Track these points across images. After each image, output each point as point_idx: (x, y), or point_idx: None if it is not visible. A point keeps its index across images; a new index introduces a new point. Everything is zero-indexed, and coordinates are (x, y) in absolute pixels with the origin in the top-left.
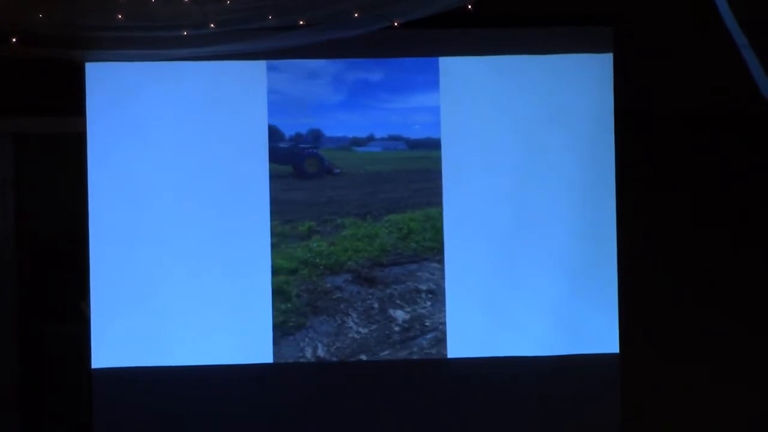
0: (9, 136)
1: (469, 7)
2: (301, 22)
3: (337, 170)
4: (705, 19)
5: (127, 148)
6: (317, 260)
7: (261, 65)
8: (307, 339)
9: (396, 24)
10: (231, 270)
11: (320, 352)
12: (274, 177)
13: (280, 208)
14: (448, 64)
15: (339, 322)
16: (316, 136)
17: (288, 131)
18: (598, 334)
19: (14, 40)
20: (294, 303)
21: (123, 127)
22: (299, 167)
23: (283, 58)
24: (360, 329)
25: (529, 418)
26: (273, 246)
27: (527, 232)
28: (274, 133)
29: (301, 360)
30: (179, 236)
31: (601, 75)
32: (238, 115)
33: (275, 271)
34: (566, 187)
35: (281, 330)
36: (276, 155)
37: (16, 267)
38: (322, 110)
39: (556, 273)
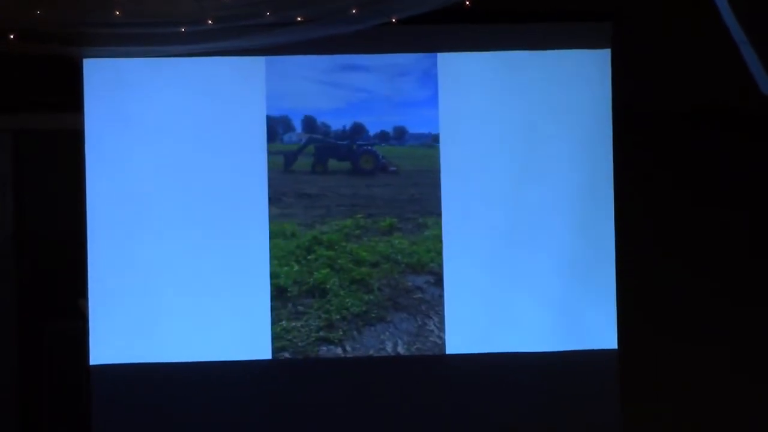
0: (7, 132)
1: (467, 3)
2: (299, 19)
3: (393, 168)
4: (703, 16)
5: (125, 144)
6: (399, 257)
7: (259, 60)
8: (387, 333)
9: (394, 20)
10: (229, 266)
11: (400, 349)
12: (335, 173)
13: (363, 202)
14: (446, 60)
15: (420, 323)
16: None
17: (335, 125)
18: (597, 329)
19: (12, 36)
20: (376, 295)
21: (121, 123)
22: (355, 164)
23: (280, 54)
24: (441, 334)
25: (527, 414)
26: (355, 238)
27: (526, 228)
28: (274, 128)
29: (382, 353)
30: (178, 232)
31: (599, 71)
32: (236, 109)
33: (357, 262)
34: (565, 183)
35: (363, 319)
36: (336, 151)
37: (14, 264)
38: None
39: (555, 269)
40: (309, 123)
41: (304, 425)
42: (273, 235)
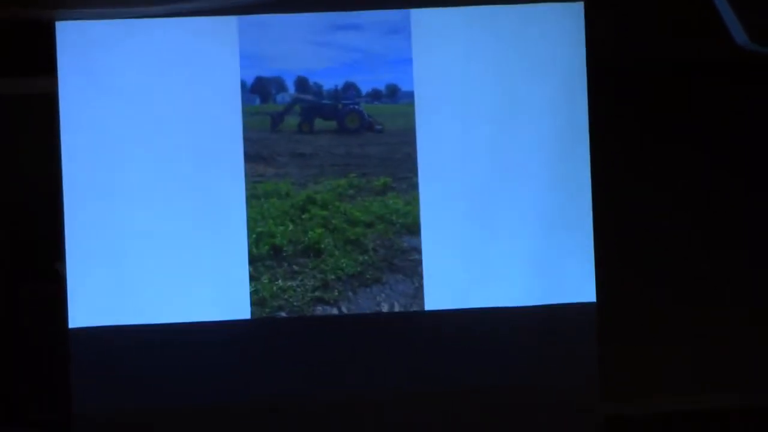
0: None
1: None
2: None
3: (378, 126)
4: None
5: (99, 107)
6: (393, 218)
7: (232, 20)
8: (383, 295)
9: None
10: (206, 226)
11: (396, 311)
12: (326, 132)
13: (356, 162)
14: (419, 16)
15: (416, 284)
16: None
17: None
18: (576, 283)
19: None
20: (371, 256)
21: (95, 86)
22: (341, 123)
23: (255, 13)
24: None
25: (507, 368)
26: (349, 198)
27: (502, 183)
28: (267, 88)
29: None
30: (154, 193)
31: (573, 24)
32: (211, 70)
33: (352, 223)
34: (541, 137)
35: (358, 280)
36: (321, 111)
37: None
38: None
39: (533, 224)
40: (302, 83)
41: (283, 383)
42: (268, 195)
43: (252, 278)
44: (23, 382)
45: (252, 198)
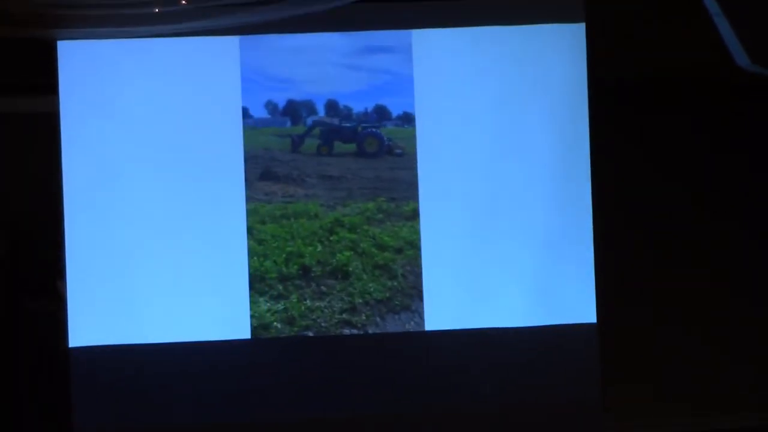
0: None
1: None
2: None
3: (399, 150)
4: None
5: (100, 126)
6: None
7: (234, 40)
8: (412, 323)
9: None
10: (207, 246)
11: None
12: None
13: (385, 186)
14: (420, 37)
15: None
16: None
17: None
18: (575, 304)
19: None
20: (400, 282)
21: (97, 106)
22: (360, 146)
23: (256, 33)
24: None
25: (507, 390)
26: (378, 222)
27: (503, 204)
28: (298, 111)
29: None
30: (156, 212)
31: (574, 45)
32: (212, 91)
33: (381, 247)
34: (541, 158)
35: (386, 306)
36: (341, 134)
37: None
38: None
39: (533, 244)
40: (331, 107)
41: (284, 403)
42: (297, 215)
43: (281, 297)
44: (23, 401)
45: (282, 218)
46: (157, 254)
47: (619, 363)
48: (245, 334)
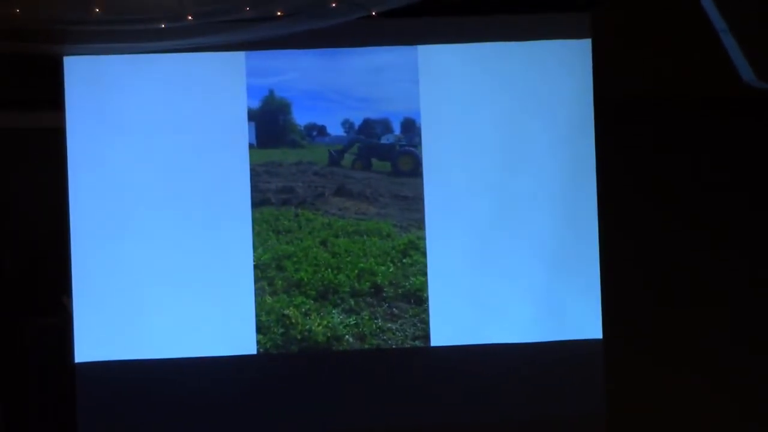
0: None
1: None
2: (279, 13)
3: None
4: (684, 4)
5: (106, 142)
6: None
7: (240, 54)
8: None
9: (374, 13)
10: (214, 262)
11: None
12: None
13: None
14: (426, 53)
15: None
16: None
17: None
18: (581, 320)
19: None
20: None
21: (103, 121)
22: (395, 165)
23: (261, 49)
24: None
25: (513, 405)
26: None
27: (509, 219)
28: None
29: None
30: (161, 228)
31: (580, 61)
32: (219, 106)
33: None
34: (548, 174)
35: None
36: (378, 151)
37: None
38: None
39: (539, 260)
40: (408, 125)
41: (290, 418)
42: (369, 233)
43: (353, 311)
44: (29, 416)
45: (354, 234)
46: (163, 270)
47: (624, 379)
48: (251, 349)
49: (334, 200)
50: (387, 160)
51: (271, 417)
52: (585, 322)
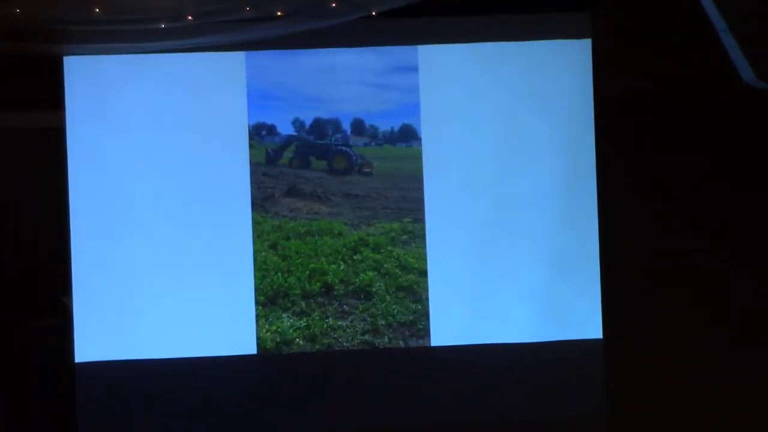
0: None
1: None
2: (279, 13)
3: (367, 169)
4: (684, 3)
5: (106, 142)
6: None
7: (240, 55)
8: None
9: (374, 13)
10: (213, 262)
11: None
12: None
13: (410, 206)
14: (426, 53)
15: None
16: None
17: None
18: (582, 320)
19: None
20: (424, 305)
21: (103, 121)
22: (330, 163)
23: (262, 49)
24: None
25: (513, 405)
26: (402, 243)
27: (510, 220)
28: (324, 129)
29: None
30: (161, 228)
31: (580, 61)
32: (218, 106)
33: (405, 269)
34: (548, 174)
35: (409, 330)
36: (315, 150)
37: None
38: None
39: (539, 260)
40: (358, 126)
41: (290, 418)
42: (321, 233)
43: (304, 313)
44: (29, 416)
45: (306, 234)
46: (163, 270)
47: (624, 379)
48: (251, 349)
49: (285, 201)
50: (323, 159)
51: (271, 417)
52: (585, 322)
